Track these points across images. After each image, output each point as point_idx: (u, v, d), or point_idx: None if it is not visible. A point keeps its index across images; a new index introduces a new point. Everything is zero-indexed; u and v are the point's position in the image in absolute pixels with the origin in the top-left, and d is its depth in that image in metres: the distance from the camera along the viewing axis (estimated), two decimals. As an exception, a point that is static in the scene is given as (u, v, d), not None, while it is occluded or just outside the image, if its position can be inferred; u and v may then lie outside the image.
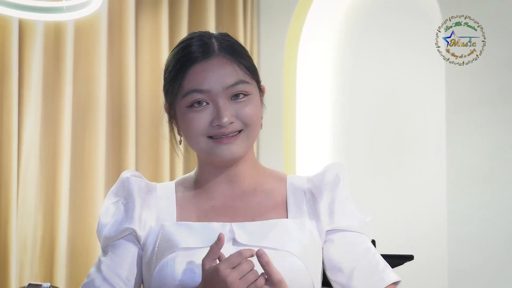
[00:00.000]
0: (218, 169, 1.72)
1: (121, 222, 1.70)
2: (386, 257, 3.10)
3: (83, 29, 4.23)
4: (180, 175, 4.37)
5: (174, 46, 1.76)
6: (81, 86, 4.20)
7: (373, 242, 3.02)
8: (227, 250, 1.57)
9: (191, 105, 1.68)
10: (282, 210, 1.70)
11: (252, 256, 1.49)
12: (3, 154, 3.91)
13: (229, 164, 1.71)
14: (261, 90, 1.75)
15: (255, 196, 1.72)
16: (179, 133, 1.74)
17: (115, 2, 4.39)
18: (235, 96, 1.68)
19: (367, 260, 1.69)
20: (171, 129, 1.76)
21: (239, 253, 1.49)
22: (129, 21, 4.36)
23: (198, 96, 1.67)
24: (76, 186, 4.13)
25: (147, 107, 4.43)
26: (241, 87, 1.68)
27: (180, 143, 1.75)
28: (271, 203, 1.71)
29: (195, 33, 1.74)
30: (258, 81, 1.74)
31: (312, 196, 1.71)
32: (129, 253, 1.70)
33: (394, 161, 4.31)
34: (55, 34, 4.14)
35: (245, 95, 1.69)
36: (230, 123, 1.66)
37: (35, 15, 3.62)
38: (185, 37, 1.75)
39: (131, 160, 4.27)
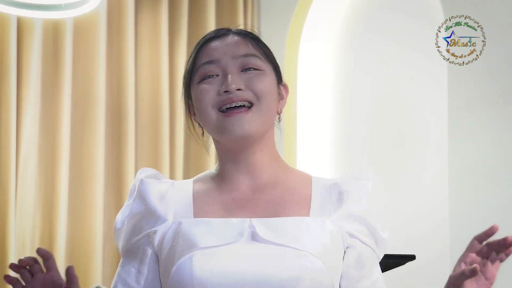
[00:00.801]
0: (236, 157, 1.68)
1: (133, 228, 1.69)
2: (388, 257, 3.09)
3: (82, 27, 4.22)
4: (180, 175, 4.36)
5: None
6: (80, 84, 4.19)
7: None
8: (247, 245, 1.58)
9: (203, 79, 1.67)
10: (305, 207, 1.66)
11: None
12: (1, 153, 3.90)
13: (242, 144, 1.67)
14: (281, 83, 1.73)
15: (277, 189, 1.68)
16: (200, 126, 1.72)
17: (114, 0, 4.37)
18: (246, 69, 1.67)
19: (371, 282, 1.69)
20: (191, 124, 1.75)
21: None
22: (129, 19, 4.34)
23: (208, 68, 1.67)
24: (75, 185, 4.12)
25: (146, 106, 4.42)
26: (252, 60, 1.68)
27: (203, 135, 1.74)
28: (294, 198, 1.67)
29: None
30: (276, 71, 1.73)
31: (339, 199, 1.68)
32: (141, 261, 1.69)
33: (396, 161, 4.30)
34: (53, 32, 4.13)
35: (257, 69, 1.68)
36: (238, 89, 1.64)
37: (34, 13, 3.61)
38: None
39: (131, 159, 4.25)
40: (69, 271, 1.68)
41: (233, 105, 1.63)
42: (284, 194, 1.67)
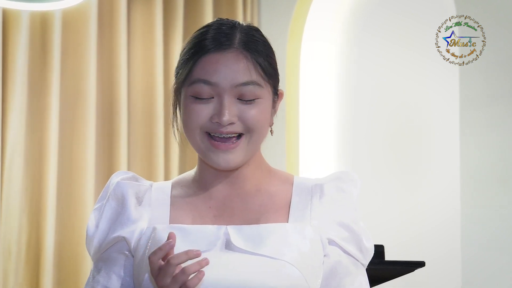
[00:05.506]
0: (217, 170, 1.70)
1: (108, 231, 1.71)
2: (396, 263, 3.00)
3: (71, 20, 4.19)
4: (175, 174, 4.35)
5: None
6: (69, 80, 4.15)
7: (382, 248, 2.91)
8: (221, 254, 1.60)
9: (196, 95, 1.66)
10: (283, 213, 1.68)
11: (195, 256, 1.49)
12: (-15, 153, 3.91)
13: (225, 170, 1.70)
14: (276, 95, 1.73)
15: (256, 197, 1.70)
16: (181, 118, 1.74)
17: (106, -9, 4.40)
18: (243, 96, 1.66)
19: None
20: (174, 112, 1.75)
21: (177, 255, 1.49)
22: (121, 11, 4.31)
23: (204, 88, 1.65)
24: (64, 187, 4.09)
25: (139, 103, 4.38)
26: (251, 89, 1.66)
27: (178, 129, 1.76)
28: (273, 205, 1.69)
29: (222, 19, 1.73)
30: (275, 86, 1.72)
31: (321, 201, 1.69)
32: (121, 265, 1.69)
33: (403, 162, 4.28)
34: (41, 25, 4.10)
35: (255, 98, 1.67)
36: (230, 123, 1.64)
37: (20, 5, 3.62)
38: (210, 22, 1.75)
39: (123, 159, 4.23)
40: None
41: (222, 136, 1.65)
42: (264, 200, 1.69)
